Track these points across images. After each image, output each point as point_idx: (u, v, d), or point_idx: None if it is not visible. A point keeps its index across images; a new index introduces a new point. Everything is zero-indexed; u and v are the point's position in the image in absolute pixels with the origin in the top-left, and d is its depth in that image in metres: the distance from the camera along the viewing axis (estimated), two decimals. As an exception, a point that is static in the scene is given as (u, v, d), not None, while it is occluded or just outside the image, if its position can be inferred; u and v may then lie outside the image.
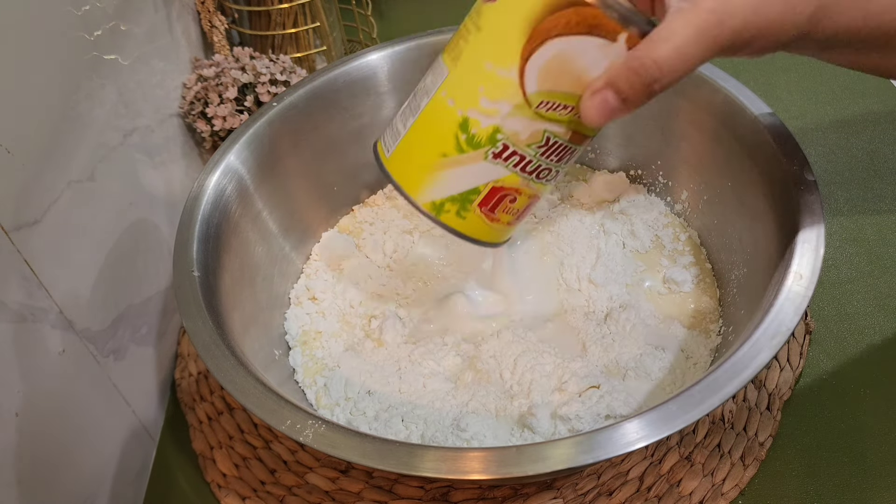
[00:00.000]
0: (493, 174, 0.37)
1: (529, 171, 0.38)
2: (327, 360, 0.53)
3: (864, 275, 0.58)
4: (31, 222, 0.41)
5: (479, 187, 0.38)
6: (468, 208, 0.39)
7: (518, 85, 0.34)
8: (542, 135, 0.36)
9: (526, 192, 0.39)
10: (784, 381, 0.51)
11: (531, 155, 0.37)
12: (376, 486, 0.49)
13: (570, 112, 0.35)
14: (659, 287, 0.55)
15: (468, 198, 0.38)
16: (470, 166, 0.37)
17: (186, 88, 0.66)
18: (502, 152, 0.37)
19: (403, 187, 0.39)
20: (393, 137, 0.40)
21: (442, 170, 0.38)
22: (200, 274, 0.46)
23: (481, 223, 0.40)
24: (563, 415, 0.46)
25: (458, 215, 0.39)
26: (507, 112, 0.35)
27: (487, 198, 0.38)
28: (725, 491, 0.47)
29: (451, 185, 0.38)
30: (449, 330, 0.54)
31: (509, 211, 0.40)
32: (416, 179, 0.38)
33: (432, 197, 0.38)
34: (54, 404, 0.43)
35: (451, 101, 0.36)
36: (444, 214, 0.39)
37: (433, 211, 0.39)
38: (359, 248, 0.61)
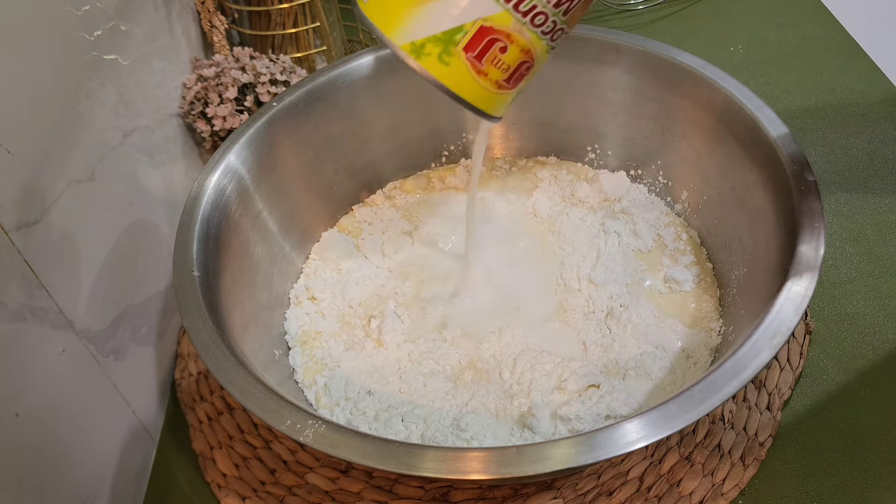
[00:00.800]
0: (482, 8, 0.33)
1: (523, 10, 0.33)
2: (327, 360, 0.53)
3: (864, 275, 0.58)
4: (31, 222, 0.41)
5: (464, 25, 0.34)
6: (451, 52, 0.34)
7: None
8: None
9: (519, 40, 0.34)
10: (784, 381, 0.51)
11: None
12: (376, 486, 0.49)
13: None
14: (660, 286, 0.55)
15: (452, 38, 0.34)
16: None
17: (186, 88, 0.66)
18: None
19: (378, 26, 0.34)
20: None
21: (423, 4, 0.33)
22: (200, 274, 0.46)
23: (467, 74, 0.35)
24: (563, 415, 0.46)
25: (440, 59, 0.34)
26: None
27: (474, 40, 0.34)
28: (725, 491, 0.47)
29: (433, 22, 0.34)
30: (448, 326, 0.54)
31: (499, 64, 0.35)
32: (393, 15, 0.34)
33: (411, 36, 0.34)
34: (54, 404, 0.43)
35: None
36: (425, 58, 0.34)
37: (412, 53, 0.34)
38: (358, 248, 0.61)
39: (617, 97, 0.60)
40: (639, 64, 0.57)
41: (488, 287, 0.56)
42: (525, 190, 0.64)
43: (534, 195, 0.63)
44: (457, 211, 0.63)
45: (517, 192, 0.64)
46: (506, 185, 0.65)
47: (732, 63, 0.78)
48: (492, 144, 0.67)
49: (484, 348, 0.52)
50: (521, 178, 0.65)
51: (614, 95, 0.59)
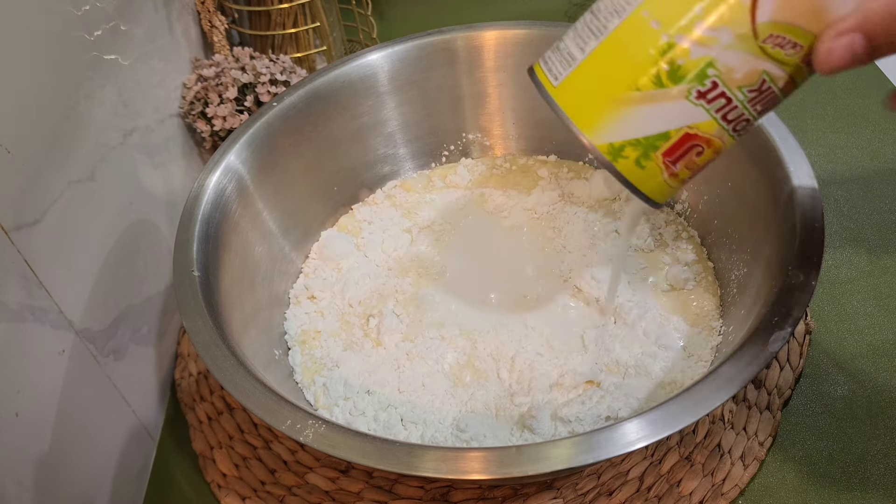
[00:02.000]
0: (690, 117, 0.32)
1: (731, 118, 0.32)
2: (326, 359, 0.53)
3: (864, 275, 0.58)
4: (31, 222, 0.41)
5: (670, 132, 0.32)
6: (651, 156, 0.33)
7: (749, 9, 0.29)
8: (760, 76, 0.31)
9: (716, 144, 0.33)
10: (784, 381, 0.51)
11: (739, 99, 0.31)
12: (376, 486, 0.49)
13: (798, 53, 0.30)
14: (661, 285, 0.55)
15: (654, 143, 0.33)
16: (666, 105, 0.31)
17: (186, 88, 0.66)
18: (709, 91, 0.31)
19: (576, 123, 0.33)
20: (563, 63, 0.34)
21: (630, 106, 0.32)
22: (200, 274, 0.46)
23: (658, 175, 0.34)
24: (564, 416, 0.46)
25: (636, 163, 0.33)
26: (726, 42, 0.30)
27: (676, 145, 0.33)
28: (725, 491, 0.47)
29: (637, 126, 0.32)
30: (446, 325, 0.54)
31: (691, 166, 0.34)
32: (593, 115, 0.33)
33: (611, 138, 0.33)
34: (54, 404, 0.43)
35: (656, 22, 0.30)
36: (622, 161, 0.33)
37: (609, 155, 0.33)
38: (358, 247, 0.61)
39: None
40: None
41: (488, 285, 0.56)
42: (525, 187, 0.64)
43: (533, 193, 0.63)
44: (457, 209, 0.63)
45: (518, 188, 0.64)
46: (506, 182, 0.65)
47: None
48: (492, 144, 0.67)
49: (482, 347, 0.52)
50: (521, 176, 0.65)
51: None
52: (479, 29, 0.62)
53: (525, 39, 0.61)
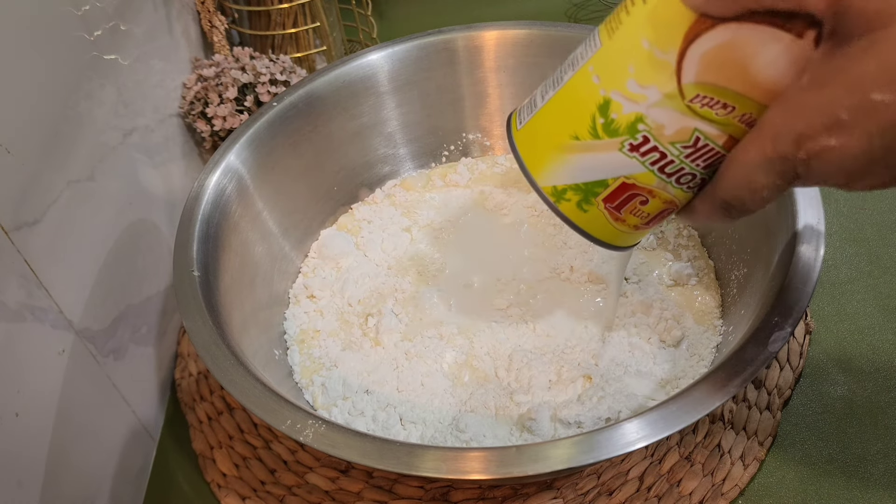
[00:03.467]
0: (626, 168, 0.33)
1: (669, 172, 0.33)
2: (324, 359, 0.53)
3: (864, 275, 0.58)
4: (30, 222, 0.41)
5: (607, 180, 0.34)
6: (591, 201, 0.34)
7: (674, 70, 0.29)
8: (691, 134, 0.31)
9: (661, 195, 0.34)
10: (784, 381, 0.51)
11: (674, 154, 0.32)
12: (376, 485, 0.49)
13: (730, 113, 0.30)
14: (665, 281, 0.55)
15: (593, 190, 0.34)
16: (602, 155, 0.33)
17: (186, 88, 0.66)
18: (641, 145, 0.32)
19: (526, 164, 0.35)
20: (529, 109, 0.36)
21: (570, 153, 0.33)
22: (200, 273, 0.46)
23: (603, 220, 0.35)
24: (563, 417, 0.46)
25: (578, 206, 0.35)
26: (654, 100, 0.30)
27: (615, 194, 0.34)
28: (725, 491, 0.47)
29: (576, 173, 0.34)
30: (445, 324, 0.53)
31: (638, 213, 0.35)
32: (540, 158, 0.35)
33: (554, 181, 0.35)
34: (54, 404, 0.43)
35: (597, 77, 0.32)
36: (564, 203, 0.35)
37: (553, 196, 0.35)
38: (357, 246, 0.61)
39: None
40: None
41: (488, 283, 0.56)
42: (526, 186, 0.64)
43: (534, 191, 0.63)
44: (457, 207, 0.63)
45: (518, 186, 0.64)
46: (507, 181, 0.65)
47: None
48: (493, 144, 0.67)
49: (480, 346, 0.52)
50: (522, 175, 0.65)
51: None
52: (479, 29, 0.62)
53: (525, 39, 0.61)
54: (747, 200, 0.30)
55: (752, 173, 0.29)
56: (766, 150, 0.28)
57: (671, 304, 0.53)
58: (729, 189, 0.30)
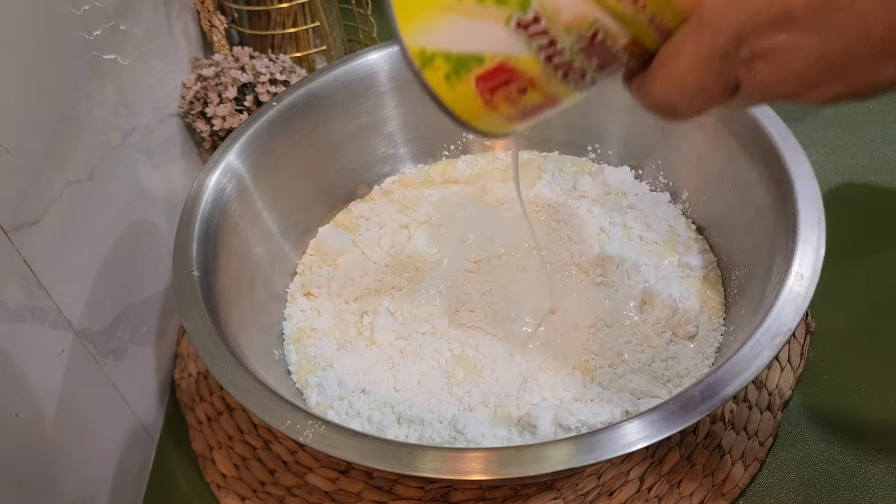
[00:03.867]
0: (508, 47, 0.28)
1: (556, 63, 0.28)
2: (319, 359, 0.53)
3: (864, 274, 0.57)
4: (30, 222, 0.41)
5: (484, 56, 0.29)
6: (461, 75, 0.30)
7: None
8: (591, 25, 0.27)
9: (543, 89, 0.30)
10: (784, 382, 0.51)
11: (566, 44, 0.28)
12: (376, 486, 0.49)
13: (640, 10, 0.26)
14: (676, 271, 0.55)
15: (466, 63, 0.29)
16: (484, 24, 0.28)
17: (186, 88, 0.65)
18: (530, 24, 0.27)
19: (397, 12, 0.30)
20: None
21: (448, 12, 0.29)
22: (200, 273, 0.46)
23: (472, 101, 0.31)
24: (563, 417, 0.46)
25: (446, 79, 0.30)
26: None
27: (490, 74, 0.29)
28: (726, 491, 0.46)
29: (451, 38, 0.29)
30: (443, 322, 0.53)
31: (513, 102, 0.31)
32: (414, 9, 0.29)
33: (424, 42, 0.29)
34: (54, 404, 0.43)
35: None
36: (430, 70, 0.30)
37: (419, 60, 0.30)
38: (355, 243, 0.61)
39: (617, 97, 0.59)
40: (639, 64, 0.57)
41: (487, 280, 0.56)
42: (527, 180, 0.64)
43: (536, 185, 0.63)
44: (456, 202, 0.63)
45: (521, 179, 0.64)
46: (507, 175, 0.65)
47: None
48: (493, 143, 0.67)
49: (480, 343, 0.52)
50: (523, 170, 0.65)
51: (614, 95, 0.59)
52: (479, 28, 0.61)
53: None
54: (678, 105, 0.26)
55: (685, 73, 0.25)
56: (704, 45, 0.24)
57: (684, 291, 0.53)
58: (659, 89, 0.26)
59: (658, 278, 0.54)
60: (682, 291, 0.53)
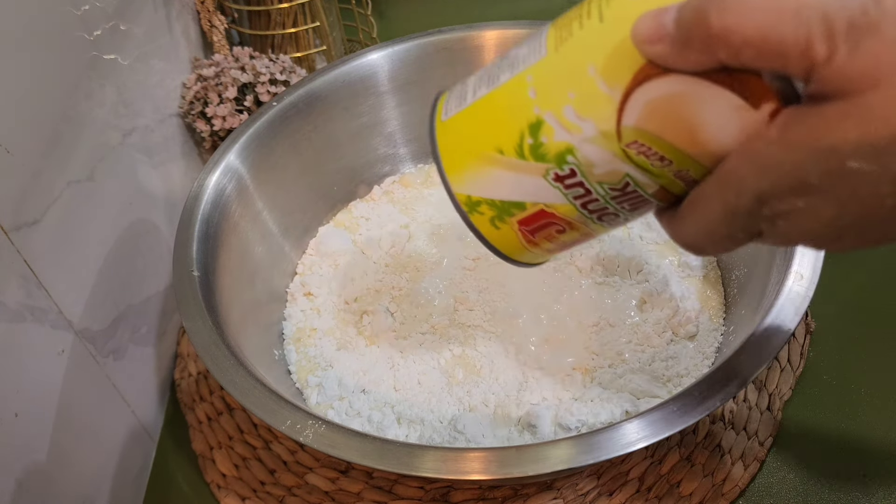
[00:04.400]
0: (547, 196, 0.30)
1: (591, 209, 0.30)
2: (319, 359, 0.53)
3: (865, 274, 0.57)
4: (30, 222, 0.41)
5: (525, 203, 0.31)
6: (505, 220, 0.32)
7: (616, 109, 0.26)
8: (622, 178, 0.28)
9: (580, 228, 0.32)
10: (784, 382, 0.51)
11: (600, 194, 0.29)
12: (376, 486, 0.49)
13: (666, 166, 0.27)
14: (676, 270, 0.55)
15: (509, 210, 0.31)
16: (524, 177, 0.30)
17: (186, 88, 0.65)
18: (567, 178, 0.29)
19: (444, 165, 0.32)
20: (458, 100, 0.32)
21: (492, 166, 0.31)
22: (200, 273, 0.46)
23: (515, 241, 0.33)
24: (563, 417, 0.46)
25: (491, 223, 0.32)
26: (589, 135, 0.28)
27: (531, 218, 0.32)
28: (726, 491, 0.46)
29: (494, 188, 0.31)
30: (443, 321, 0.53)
31: (553, 240, 0.33)
32: (460, 163, 0.31)
33: (470, 191, 0.32)
34: (54, 404, 0.43)
35: (534, 91, 0.29)
36: (477, 215, 0.32)
37: (466, 206, 0.32)
38: (355, 243, 0.61)
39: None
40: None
41: (487, 279, 0.56)
42: None
43: None
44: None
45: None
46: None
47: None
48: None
49: (479, 343, 0.52)
50: None
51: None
52: (479, 29, 0.62)
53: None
54: (707, 247, 0.28)
55: (712, 224, 0.27)
56: (729, 203, 0.25)
57: (684, 291, 0.53)
58: (689, 232, 0.28)
59: (658, 278, 0.54)
60: (683, 291, 0.53)
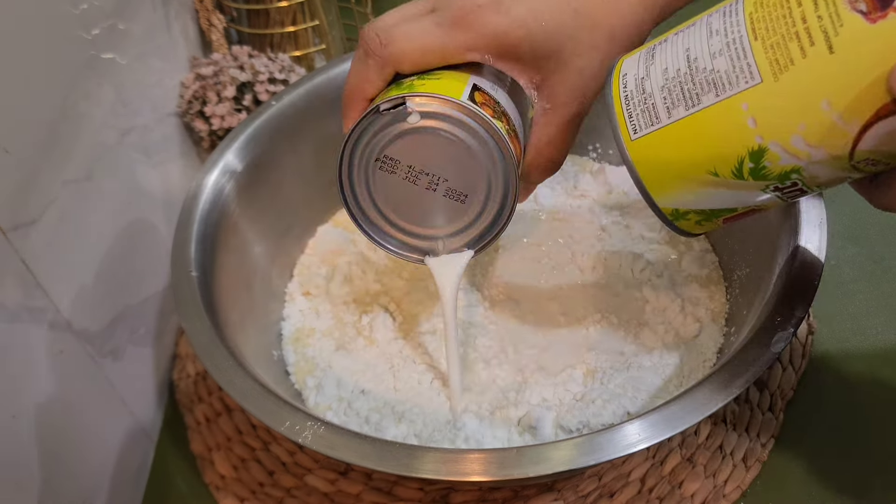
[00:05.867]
0: (762, 201, 0.32)
1: (790, 194, 0.31)
2: (318, 359, 0.52)
3: (866, 275, 0.57)
4: (28, 222, 0.41)
5: (738, 209, 0.33)
6: (713, 221, 0.34)
7: (852, 139, 0.27)
8: (842, 180, 0.31)
9: (771, 208, 0.33)
10: (786, 382, 0.51)
11: (813, 190, 0.31)
12: (375, 487, 0.49)
13: (885, 166, 0.29)
14: (676, 277, 0.54)
15: (719, 214, 0.33)
16: (739, 192, 0.31)
17: (184, 87, 0.65)
18: (787, 188, 0.30)
19: (646, 184, 0.33)
20: (646, 118, 0.32)
21: (703, 186, 0.31)
22: (198, 274, 0.46)
23: (710, 228, 0.35)
24: (564, 419, 0.46)
25: (697, 224, 0.34)
26: (818, 159, 0.28)
27: (740, 216, 0.34)
28: (727, 492, 0.46)
29: (706, 202, 0.32)
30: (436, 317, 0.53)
31: (739, 222, 0.35)
32: (665, 182, 0.32)
33: (677, 205, 0.33)
34: (52, 405, 0.42)
35: (753, 121, 0.29)
36: (683, 221, 0.34)
37: (671, 216, 0.34)
38: (354, 242, 0.60)
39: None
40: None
41: (487, 278, 0.56)
42: None
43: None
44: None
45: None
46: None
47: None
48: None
49: (479, 342, 0.51)
50: None
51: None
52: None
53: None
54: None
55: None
56: None
57: (689, 297, 0.53)
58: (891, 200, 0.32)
59: (660, 278, 0.54)
60: (684, 291, 0.53)
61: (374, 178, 0.39)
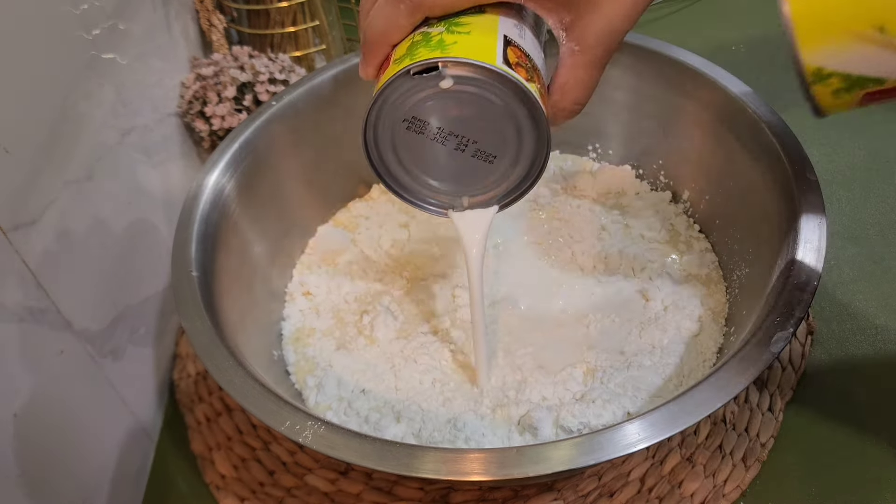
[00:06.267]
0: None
1: None
2: (318, 359, 0.52)
3: (866, 275, 0.57)
4: (28, 222, 0.41)
5: (888, 80, 0.30)
6: (853, 93, 0.31)
7: None
8: None
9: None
10: (786, 382, 0.51)
11: None
12: (376, 487, 0.49)
13: None
14: (675, 274, 0.54)
15: (864, 84, 0.30)
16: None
17: (185, 87, 0.65)
18: None
19: (798, 35, 0.30)
20: None
21: (863, 43, 0.29)
22: (199, 274, 0.46)
23: (845, 106, 0.32)
24: (564, 419, 0.46)
25: (834, 93, 0.31)
26: None
27: (885, 92, 0.31)
28: (727, 492, 0.46)
29: (858, 64, 0.30)
30: (443, 321, 0.53)
31: (879, 102, 0.32)
32: (820, 36, 0.30)
33: (824, 63, 0.30)
34: (52, 405, 0.42)
35: None
36: (821, 86, 0.31)
37: (812, 76, 0.31)
38: (354, 242, 0.60)
39: (618, 96, 0.59)
40: (640, 63, 0.57)
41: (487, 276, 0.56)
42: None
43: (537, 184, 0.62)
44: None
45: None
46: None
47: (734, 62, 0.77)
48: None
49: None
50: None
51: (615, 94, 0.59)
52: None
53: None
54: None
55: None
56: None
57: (689, 297, 0.53)
58: None
59: (660, 277, 0.54)
60: (684, 291, 0.53)
61: (401, 138, 0.38)
